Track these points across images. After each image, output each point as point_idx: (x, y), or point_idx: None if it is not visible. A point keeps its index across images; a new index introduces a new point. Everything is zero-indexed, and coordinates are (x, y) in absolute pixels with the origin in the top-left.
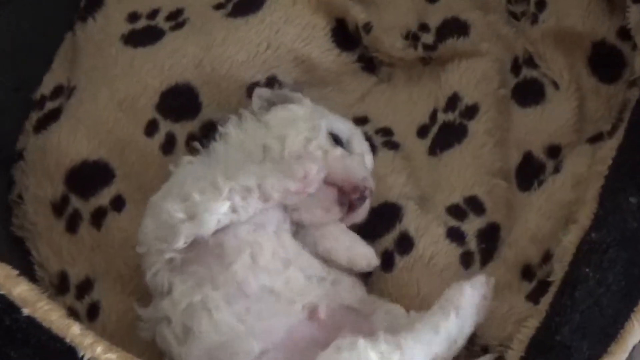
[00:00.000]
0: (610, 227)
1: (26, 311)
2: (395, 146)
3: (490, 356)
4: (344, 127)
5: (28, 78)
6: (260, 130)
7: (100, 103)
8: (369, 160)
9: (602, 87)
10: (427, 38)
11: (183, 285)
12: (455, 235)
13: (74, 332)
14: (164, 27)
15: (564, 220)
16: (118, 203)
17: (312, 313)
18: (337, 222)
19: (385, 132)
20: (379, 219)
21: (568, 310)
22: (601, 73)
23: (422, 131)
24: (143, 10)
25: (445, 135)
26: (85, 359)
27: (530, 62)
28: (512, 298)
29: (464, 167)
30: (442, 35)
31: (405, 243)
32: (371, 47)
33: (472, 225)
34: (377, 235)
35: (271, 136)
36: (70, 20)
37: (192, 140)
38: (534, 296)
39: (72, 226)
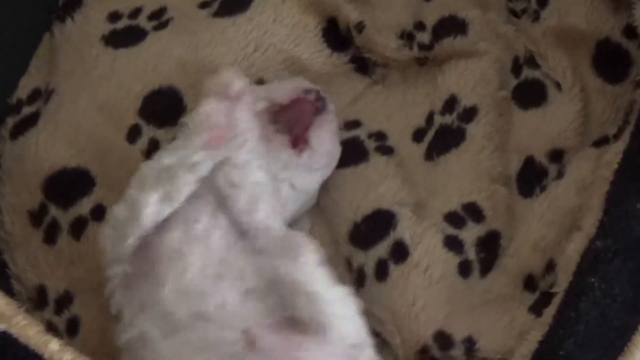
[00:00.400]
0: (616, 235)
1: (2, 326)
2: (389, 151)
3: None
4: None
5: (3, 81)
6: None
7: (79, 107)
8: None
9: (607, 88)
10: (423, 37)
11: (129, 309)
12: (453, 243)
13: (53, 349)
14: (147, 27)
15: (568, 228)
16: (99, 212)
17: (251, 341)
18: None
19: (378, 137)
20: (372, 227)
21: (572, 322)
22: (606, 73)
23: (418, 135)
24: (124, 9)
25: (442, 139)
26: None
27: (531, 62)
28: (514, 310)
29: (462, 173)
30: (439, 34)
31: (400, 252)
32: (364, 48)
33: (471, 233)
34: (370, 243)
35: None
36: (47, 20)
37: None
38: (537, 308)
39: (51, 237)
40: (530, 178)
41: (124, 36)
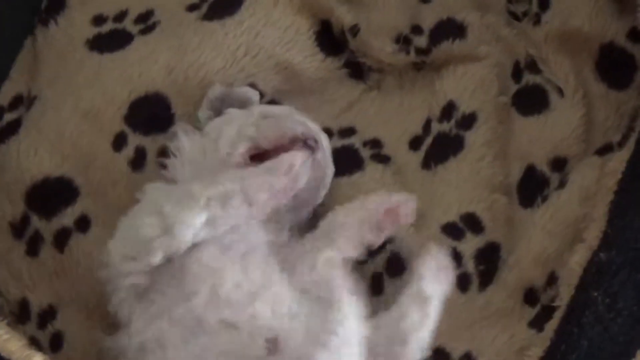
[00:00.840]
0: (620, 247)
1: None
2: (385, 159)
3: None
4: (280, 109)
5: None
6: (201, 138)
7: (63, 114)
8: (323, 137)
9: (611, 94)
10: (420, 41)
11: (142, 315)
12: (451, 256)
13: None
14: (133, 31)
15: (570, 239)
16: (83, 223)
17: (273, 347)
18: None
19: (374, 144)
20: None
21: (575, 337)
22: (610, 78)
23: (415, 143)
24: (109, 12)
25: (440, 147)
26: None
27: (532, 67)
28: (514, 324)
29: (461, 182)
30: (437, 38)
31: (396, 265)
32: (359, 52)
33: (470, 245)
34: (366, 257)
35: (209, 140)
36: (30, 23)
37: (164, 155)
38: (538, 322)
39: (33, 249)
40: (531, 187)
41: (109, 40)
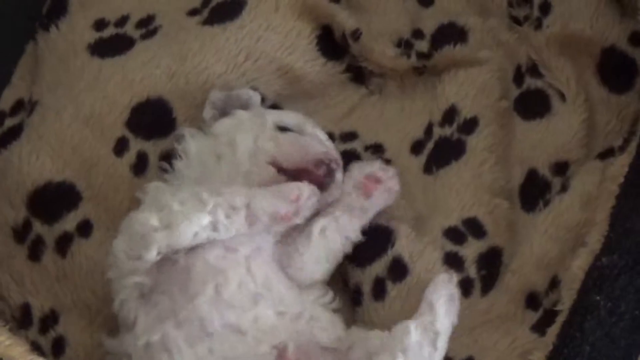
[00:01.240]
0: (622, 251)
1: None
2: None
3: None
4: (292, 117)
5: None
6: (210, 141)
7: (64, 119)
8: (330, 144)
9: (613, 98)
10: (422, 45)
11: (146, 317)
12: (453, 260)
13: None
14: (134, 36)
15: (572, 243)
16: (85, 228)
17: (282, 354)
18: None
19: (375, 149)
20: (369, 244)
21: (577, 342)
22: (611, 82)
23: (417, 147)
24: (111, 16)
25: (441, 151)
26: None
27: (534, 71)
28: (516, 329)
29: (463, 187)
30: (438, 42)
31: (398, 269)
32: (360, 56)
33: (472, 249)
34: (367, 261)
35: (221, 144)
36: (31, 29)
37: (166, 159)
38: (540, 327)
39: (35, 254)
40: (533, 192)
41: (111, 45)
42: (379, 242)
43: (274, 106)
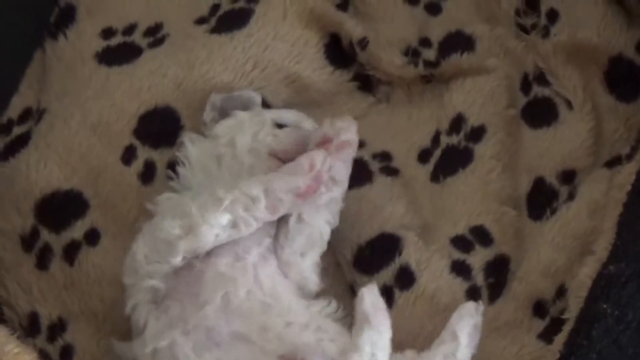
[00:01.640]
0: (629, 259)
1: None
2: (394, 172)
3: None
4: (291, 115)
5: None
6: (210, 144)
7: (72, 128)
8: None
9: (620, 106)
10: (429, 54)
11: (156, 322)
12: (460, 268)
13: None
14: (142, 44)
15: (579, 251)
16: (92, 236)
17: None
18: None
19: (383, 157)
20: (377, 252)
21: (584, 350)
22: (619, 91)
23: (424, 156)
24: (118, 25)
25: (449, 160)
26: None
27: (541, 79)
28: (523, 337)
29: (470, 195)
30: (445, 50)
31: (405, 278)
32: (367, 65)
33: (479, 257)
34: (375, 269)
35: (221, 145)
36: (39, 37)
37: (173, 167)
38: (547, 335)
39: (43, 262)
40: (540, 200)
41: (118, 53)
42: (387, 251)
43: None
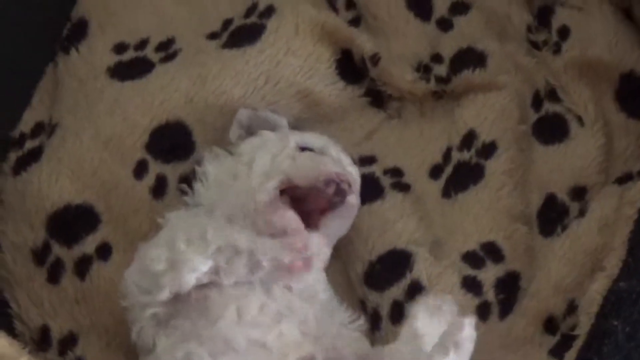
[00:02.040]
0: None
1: None
2: (405, 188)
3: None
4: (317, 140)
5: (6, 114)
6: (231, 161)
7: (84, 142)
8: (354, 170)
9: (631, 123)
10: (440, 70)
11: (167, 340)
12: (471, 285)
13: None
14: (154, 59)
15: (590, 268)
16: (104, 251)
17: None
18: None
19: (394, 173)
20: (388, 268)
21: None
22: (630, 107)
23: (435, 172)
24: (131, 40)
25: (460, 176)
26: None
27: (552, 96)
28: (534, 353)
29: (481, 211)
30: (457, 66)
31: (416, 293)
32: (379, 80)
33: (490, 274)
34: (386, 284)
35: (241, 163)
36: (51, 51)
37: (185, 182)
38: (558, 351)
39: (54, 276)
40: (551, 216)
41: (130, 68)
42: (398, 266)
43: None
